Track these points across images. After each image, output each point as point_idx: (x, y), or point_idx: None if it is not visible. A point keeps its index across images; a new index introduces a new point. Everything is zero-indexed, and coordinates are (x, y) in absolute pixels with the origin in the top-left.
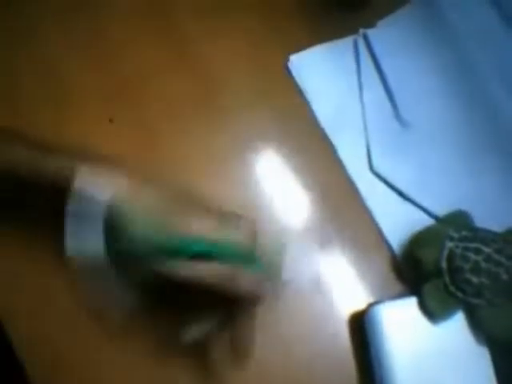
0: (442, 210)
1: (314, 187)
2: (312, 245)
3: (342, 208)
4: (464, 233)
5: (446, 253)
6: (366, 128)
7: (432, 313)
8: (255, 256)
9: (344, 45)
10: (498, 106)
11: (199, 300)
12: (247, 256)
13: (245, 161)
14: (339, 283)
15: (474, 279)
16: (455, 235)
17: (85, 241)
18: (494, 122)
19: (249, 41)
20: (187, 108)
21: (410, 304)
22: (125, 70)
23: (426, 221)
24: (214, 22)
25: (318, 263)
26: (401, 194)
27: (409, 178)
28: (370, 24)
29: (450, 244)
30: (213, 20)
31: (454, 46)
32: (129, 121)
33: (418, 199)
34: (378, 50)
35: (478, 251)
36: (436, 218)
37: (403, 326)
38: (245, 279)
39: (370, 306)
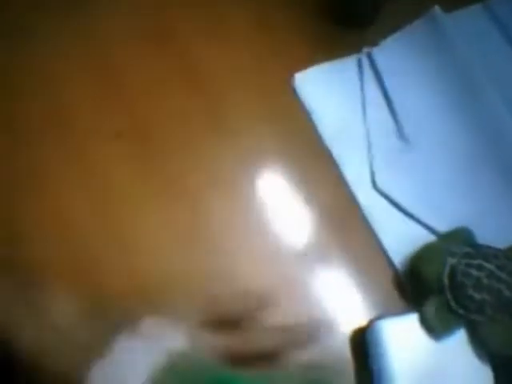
0: (444, 227)
1: (318, 204)
2: (314, 261)
3: (345, 225)
4: (466, 249)
5: (447, 269)
6: (369, 146)
7: (434, 329)
8: None
9: (348, 63)
10: (502, 125)
11: None
12: None
13: (249, 178)
14: (341, 299)
15: (476, 296)
16: (457, 252)
17: None
18: (498, 141)
19: (252, 60)
20: (189, 129)
21: (412, 320)
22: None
23: (429, 238)
24: (218, 39)
25: (320, 280)
26: (403, 211)
27: (412, 195)
28: (374, 43)
29: (451, 260)
30: (216, 37)
31: (458, 65)
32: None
33: (420, 216)
34: (381, 68)
35: (480, 268)
36: (438, 234)
37: (405, 342)
38: None
39: (372, 321)
